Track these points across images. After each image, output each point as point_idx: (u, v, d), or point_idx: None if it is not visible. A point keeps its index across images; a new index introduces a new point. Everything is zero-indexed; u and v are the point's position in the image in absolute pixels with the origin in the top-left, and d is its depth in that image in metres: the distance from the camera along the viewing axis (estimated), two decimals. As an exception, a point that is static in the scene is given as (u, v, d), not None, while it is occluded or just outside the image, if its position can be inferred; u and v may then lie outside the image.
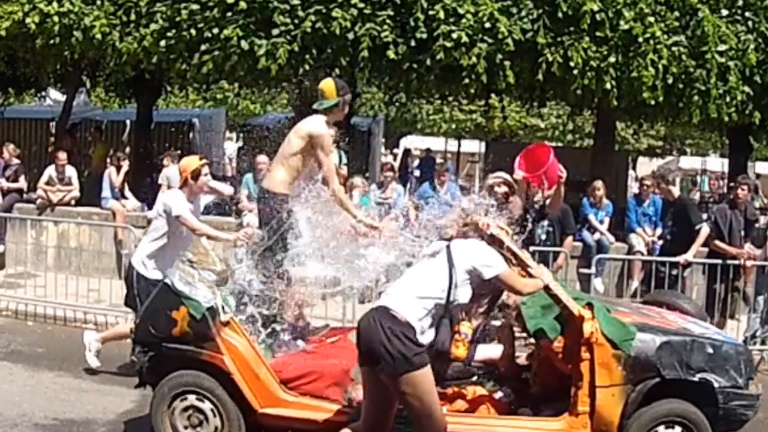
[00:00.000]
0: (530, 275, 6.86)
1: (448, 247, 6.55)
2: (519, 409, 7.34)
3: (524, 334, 7.81)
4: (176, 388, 7.29)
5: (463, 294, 6.40)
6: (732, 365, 7.07)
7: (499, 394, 7.51)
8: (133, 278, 9.36)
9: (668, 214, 13.09)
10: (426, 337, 6.27)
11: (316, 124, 8.10)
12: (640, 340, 6.91)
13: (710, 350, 7.04)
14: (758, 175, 36.76)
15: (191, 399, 7.26)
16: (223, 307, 7.21)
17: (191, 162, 9.62)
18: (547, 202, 10.01)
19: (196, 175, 9.38)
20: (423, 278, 6.44)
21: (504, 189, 10.12)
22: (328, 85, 8.24)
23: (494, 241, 6.73)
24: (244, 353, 7.18)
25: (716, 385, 6.98)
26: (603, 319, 6.94)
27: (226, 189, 11.17)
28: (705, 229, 12.40)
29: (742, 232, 12.55)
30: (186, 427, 7.31)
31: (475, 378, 7.76)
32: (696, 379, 6.96)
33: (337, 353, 7.68)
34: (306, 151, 8.07)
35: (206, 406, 7.24)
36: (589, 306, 7.04)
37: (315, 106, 8.25)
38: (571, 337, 7.00)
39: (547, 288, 6.89)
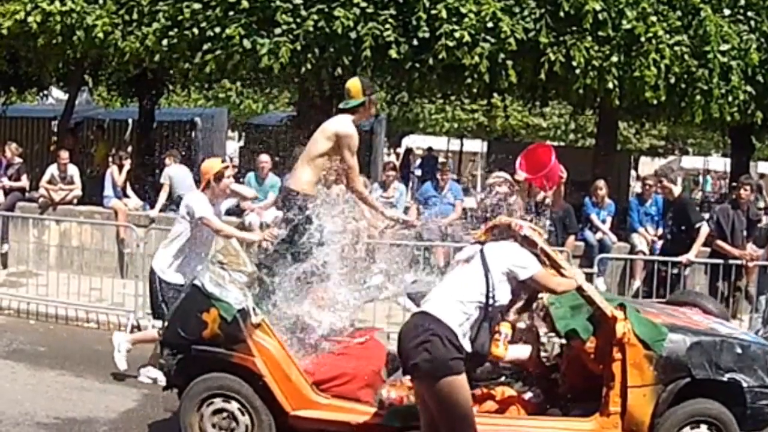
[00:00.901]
0: (563, 275, 6.87)
1: (481, 251, 6.52)
2: (548, 409, 7.37)
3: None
4: (206, 391, 7.22)
5: (502, 296, 6.39)
6: (760, 365, 7.09)
7: (528, 395, 7.53)
8: (157, 284, 9.26)
9: (668, 213, 13.08)
10: (466, 341, 6.26)
11: (343, 124, 8.06)
12: (671, 341, 6.95)
13: (739, 350, 7.07)
14: (762, 175, 36.79)
15: (221, 401, 7.20)
16: (254, 309, 7.14)
17: (214, 164, 9.55)
18: (548, 201, 10.00)
19: (218, 177, 9.30)
20: (461, 283, 6.41)
21: (505, 189, 10.14)
22: (354, 84, 8.21)
23: (527, 242, 6.72)
24: (276, 355, 7.12)
25: (744, 384, 6.99)
26: (635, 319, 6.98)
27: (249, 192, 11.12)
28: (705, 228, 12.38)
29: (745, 232, 12.53)
30: (216, 430, 7.24)
31: (503, 378, 7.76)
32: (725, 379, 6.98)
33: (367, 354, 7.66)
34: (333, 152, 8.03)
35: (236, 408, 7.17)
36: (622, 307, 7.08)
37: (341, 105, 8.23)
38: (603, 338, 7.04)
39: (579, 288, 6.92)
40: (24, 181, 16.08)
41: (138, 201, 15.86)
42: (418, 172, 29.94)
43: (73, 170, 15.96)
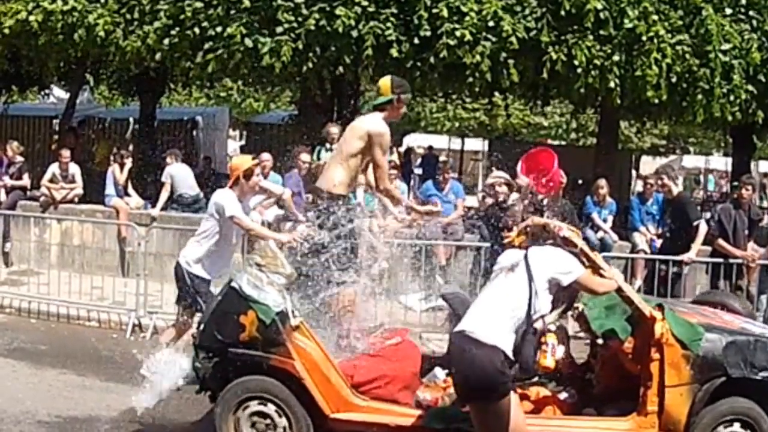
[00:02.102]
0: (602, 276, 6.86)
1: (525, 257, 6.43)
2: (582, 409, 7.39)
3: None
4: (243, 393, 7.17)
5: (544, 304, 6.33)
6: None
7: (563, 395, 7.53)
8: (186, 276, 9.17)
9: (667, 212, 13.08)
10: (512, 356, 6.19)
11: (375, 123, 8.00)
12: (707, 340, 6.99)
13: None
14: (765, 174, 36.76)
15: (258, 404, 7.15)
16: (293, 311, 7.09)
17: (244, 161, 9.46)
18: (545, 201, 10.02)
19: (248, 174, 9.19)
20: (504, 295, 6.32)
21: (505, 189, 10.17)
22: (384, 81, 8.19)
23: (567, 243, 6.72)
24: (316, 357, 7.07)
25: None
26: (673, 319, 7.02)
27: (278, 188, 11.07)
28: (703, 226, 12.37)
29: (746, 232, 12.53)
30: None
31: (536, 378, 7.75)
32: (759, 377, 7.01)
33: (403, 355, 7.64)
34: (365, 151, 7.97)
35: (273, 411, 7.13)
36: (660, 307, 7.11)
37: (371, 102, 8.22)
38: (640, 338, 7.08)
39: (619, 289, 6.94)
40: (25, 180, 16.07)
41: (139, 200, 15.85)
42: (419, 171, 29.89)
43: (74, 169, 15.95)
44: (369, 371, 7.32)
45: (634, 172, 28.20)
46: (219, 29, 13.96)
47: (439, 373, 7.65)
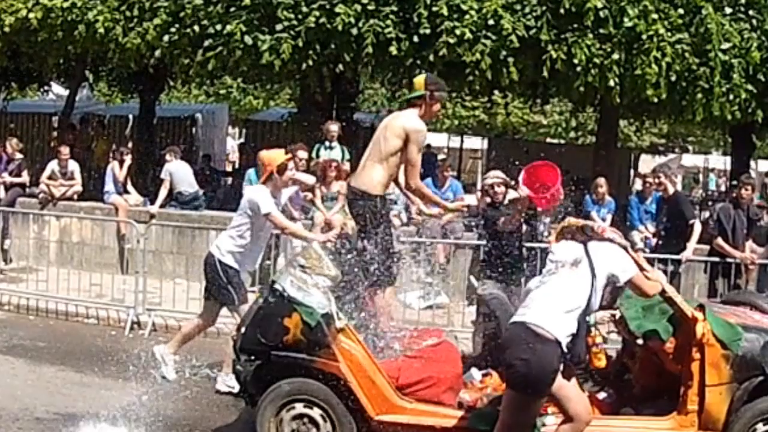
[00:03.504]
0: (647, 278, 6.85)
1: (587, 252, 6.43)
2: (621, 408, 7.41)
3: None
4: (287, 396, 7.14)
5: (598, 301, 6.38)
6: None
7: (602, 395, 7.55)
8: (218, 267, 9.10)
9: (663, 210, 13.08)
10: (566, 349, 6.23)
11: (410, 119, 7.95)
12: (746, 340, 7.05)
13: None
14: (767, 173, 36.75)
15: (302, 407, 7.13)
16: (337, 313, 7.04)
17: (277, 156, 9.33)
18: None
19: (282, 169, 9.12)
20: (568, 290, 6.30)
21: (503, 189, 10.17)
22: (419, 77, 8.20)
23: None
24: (361, 360, 7.05)
25: None
26: (713, 320, 7.07)
27: (310, 179, 11.00)
28: (698, 225, 12.39)
29: (745, 231, 12.53)
30: None
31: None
32: None
33: (444, 356, 7.63)
34: (402, 148, 7.92)
35: (318, 414, 7.10)
36: (701, 308, 7.16)
37: (404, 97, 8.21)
38: (682, 338, 7.13)
39: (662, 290, 6.96)
40: (24, 177, 16.07)
41: (138, 197, 15.85)
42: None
43: (73, 166, 15.95)
44: (414, 373, 7.28)
45: (632, 171, 28.19)
46: (219, 27, 13.97)
47: (476, 373, 7.68)
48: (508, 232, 9.83)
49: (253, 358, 7.26)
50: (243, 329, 7.38)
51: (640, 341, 7.59)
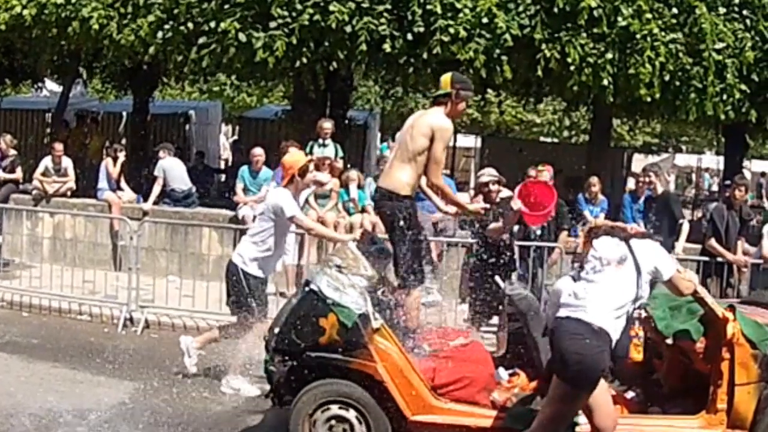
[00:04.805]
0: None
1: (630, 249, 6.48)
2: (648, 408, 7.46)
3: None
4: (322, 398, 7.11)
5: (644, 295, 6.45)
6: None
7: (630, 394, 7.59)
8: (240, 276, 9.08)
9: (652, 209, 13.09)
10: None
11: (438, 117, 7.96)
12: None
13: None
14: (763, 173, 36.85)
15: (337, 408, 7.10)
16: (374, 314, 7.01)
17: (299, 158, 9.39)
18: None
19: (303, 171, 9.16)
20: (616, 287, 6.37)
21: (497, 187, 10.20)
22: (445, 76, 8.20)
23: None
24: (397, 360, 7.04)
25: None
26: (742, 320, 7.11)
27: (326, 177, 10.99)
28: (686, 225, 12.45)
29: (738, 232, 12.56)
30: None
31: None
32: None
33: (476, 356, 7.66)
34: (429, 147, 7.91)
35: (353, 415, 7.07)
36: (731, 308, 7.21)
37: (431, 95, 8.21)
38: (712, 338, 7.17)
39: (694, 291, 6.99)
40: (18, 173, 16.05)
41: (132, 194, 15.86)
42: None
43: (67, 162, 15.95)
44: (448, 373, 7.29)
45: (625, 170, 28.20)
46: (213, 24, 13.95)
47: (503, 373, 7.68)
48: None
49: (287, 359, 7.21)
50: (277, 329, 7.32)
51: (669, 341, 7.64)
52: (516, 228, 10.17)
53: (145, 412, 8.35)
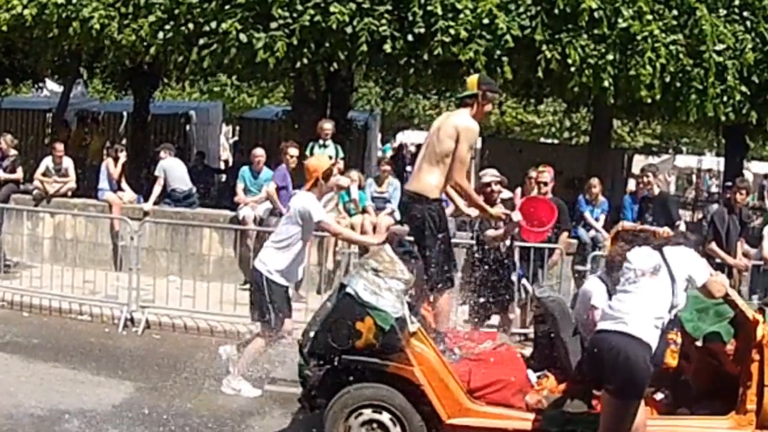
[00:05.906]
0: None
1: (664, 258, 6.52)
2: (677, 409, 7.48)
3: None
4: (357, 402, 7.12)
5: (680, 303, 6.49)
6: None
7: (659, 395, 7.60)
8: (264, 285, 9.06)
9: (648, 209, 13.09)
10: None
11: (463, 118, 7.99)
12: None
13: None
14: (766, 175, 36.85)
15: (371, 412, 7.11)
16: (410, 317, 7.00)
17: (323, 162, 9.39)
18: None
19: (327, 175, 9.16)
20: (653, 297, 6.43)
21: (498, 188, 10.23)
22: (471, 78, 8.26)
23: None
24: (434, 364, 7.06)
25: None
26: None
27: (345, 181, 10.98)
28: (682, 227, 12.48)
29: (738, 235, 12.58)
30: None
31: None
32: None
33: (508, 359, 7.72)
34: (455, 148, 7.93)
35: (387, 419, 7.09)
36: (761, 311, 7.25)
37: (457, 96, 8.22)
38: (742, 340, 7.21)
39: (725, 294, 7.01)
40: (19, 173, 16.03)
41: (132, 194, 15.85)
42: (410, 168, 29.89)
43: (68, 162, 15.93)
44: (483, 376, 7.32)
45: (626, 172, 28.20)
46: (213, 24, 13.95)
47: (531, 375, 7.70)
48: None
49: (323, 362, 7.19)
50: (312, 333, 7.32)
51: (698, 343, 7.69)
52: (516, 231, 10.19)
53: (146, 413, 8.35)
